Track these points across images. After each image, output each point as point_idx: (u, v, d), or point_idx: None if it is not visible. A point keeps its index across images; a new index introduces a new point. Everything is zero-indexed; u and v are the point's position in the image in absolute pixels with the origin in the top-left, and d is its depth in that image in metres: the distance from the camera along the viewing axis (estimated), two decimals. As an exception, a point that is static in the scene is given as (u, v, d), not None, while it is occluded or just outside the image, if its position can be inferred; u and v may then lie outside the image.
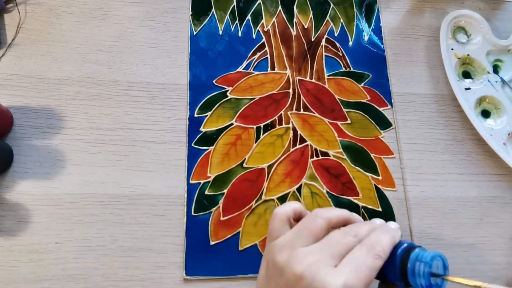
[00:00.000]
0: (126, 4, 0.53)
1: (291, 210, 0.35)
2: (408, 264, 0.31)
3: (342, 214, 0.35)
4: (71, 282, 0.42)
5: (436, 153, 0.52)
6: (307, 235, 0.33)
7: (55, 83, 0.49)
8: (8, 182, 0.45)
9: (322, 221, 0.33)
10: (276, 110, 0.51)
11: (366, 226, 0.34)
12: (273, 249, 0.33)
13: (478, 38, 0.57)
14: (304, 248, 0.32)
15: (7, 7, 0.51)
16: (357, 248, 0.32)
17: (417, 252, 0.32)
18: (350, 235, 0.32)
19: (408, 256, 0.32)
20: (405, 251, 0.32)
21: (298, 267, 0.30)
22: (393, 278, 0.33)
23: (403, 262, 0.32)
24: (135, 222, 0.45)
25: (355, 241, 0.32)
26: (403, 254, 0.32)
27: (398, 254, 0.32)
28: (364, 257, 0.31)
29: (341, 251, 0.31)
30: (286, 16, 0.56)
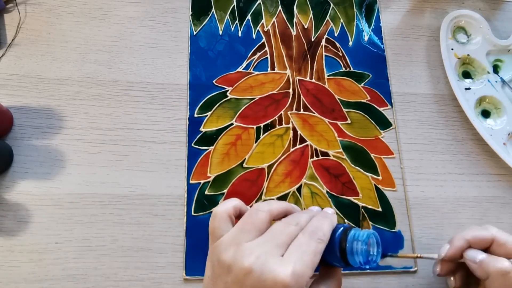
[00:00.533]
0: (126, 4, 0.53)
1: (231, 207, 0.36)
2: (347, 244, 0.34)
3: (282, 205, 0.37)
4: (71, 282, 0.42)
5: (436, 153, 0.52)
6: (251, 230, 0.33)
7: (55, 83, 0.49)
8: (8, 182, 0.45)
9: (264, 214, 0.34)
10: (276, 110, 0.51)
11: (305, 214, 0.36)
12: (218, 249, 0.34)
13: (478, 38, 0.57)
14: (249, 242, 0.32)
15: (7, 7, 0.51)
16: (300, 235, 0.33)
17: (353, 233, 0.34)
18: (292, 224, 0.34)
19: (346, 237, 0.34)
20: (343, 232, 0.35)
21: (245, 261, 0.31)
22: (333, 259, 0.35)
23: (341, 243, 0.34)
24: (135, 222, 0.45)
25: (297, 229, 0.34)
26: (341, 236, 0.35)
27: (336, 237, 0.35)
28: (308, 242, 0.32)
29: (285, 241, 0.32)
30: (286, 16, 0.56)
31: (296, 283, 0.30)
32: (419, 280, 0.46)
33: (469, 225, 0.49)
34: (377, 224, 0.47)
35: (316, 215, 0.36)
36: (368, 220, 0.48)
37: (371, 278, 0.46)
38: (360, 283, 0.46)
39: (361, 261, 0.34)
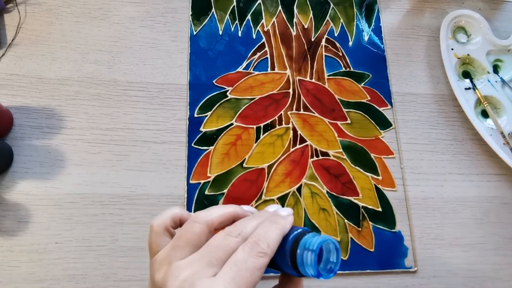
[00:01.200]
0: (126, 4, 0.53)
1: (168, 218, 0.32)
2: (298, 252, 0.29)
3: (225, 212, 0.32)
4: (71, 282, 0.42)
5: (436, 153, 0.52)
6: (184, 246, 0.30)
7: (55, 83, 0.49)
8: (8, 182, 0.45)
9: (200, 227, 0.30)
10: (276, 110, 0.51)
11: (252, 221, 0.31)
12: (152, 267, 0.31)
13: (478, 38, 0.57)
14: (181, 261, 0.29)
15: (7, 7, 0.51)
16: (240, 249, 0.29)
17: (305, 240, 0.29)
18: (232, 235, 0.30)
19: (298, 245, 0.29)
20: (294, 240, 0.30)
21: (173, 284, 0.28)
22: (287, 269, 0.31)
23: (292, 251, 0.30)
24: (135, 222, 0.45)
25: (239, 241, 0.29)
26: (293, 244, 0.30)
27: (287, 247, 0.30)
28: (246, 258, 0.28)
29: (220, 257, 0.28)
30: (286, 16, 0.56)
31: None
32: (419, 280, 0.46)
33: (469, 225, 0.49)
34: (377, 224, 0.47)
35: (265, 221, 0.31)
36: (368, 220, 0.48)
37: (371, 278, 0.46)
38: (360, 283, 0.46)
39: (312, 274, 0.29)
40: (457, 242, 0.48)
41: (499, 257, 0.48)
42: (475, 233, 0.49)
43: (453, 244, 0.48)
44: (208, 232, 0.30)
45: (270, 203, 0.47)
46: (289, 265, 0.30)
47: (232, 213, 0.33)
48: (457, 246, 0.48)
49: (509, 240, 0.49)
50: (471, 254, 0.48)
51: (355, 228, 0.47)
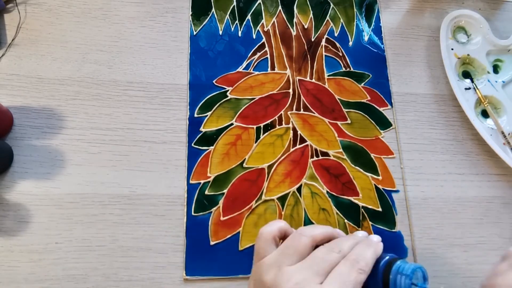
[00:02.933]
0: (126, 4, 0.53)
1: (277, 229, 0.36)
2: (390, 277, 0.32)
3: (326, 231, 0.36)
4: (71, 282, 0.42)
5: (436, 153, 0.52)
6: (293, 254, 0.33)
7: (55, 83, 0.49)
8: (8, 182, 0.45)
9: (307, 239, 0.34)
10: (276, 110, 0.51)
11: (349, 241, 0.35)
12: (260, 269, 0.34)
13: (478, 38, 0.57)
14: (290, 267, 0.32)
15: (7, 7, 0.51)
16: (341, 263, 0.32)
17: (398, 265, 0.33)
18: (334, 251, 0.33)
19: (390, 268, 0.33)
20: (387, 264, 0.33)
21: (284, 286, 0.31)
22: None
23: (385, 274, 0.33)
24: (135, 222, 0.45)
25: (339, 256, 0.33)
26: (385, 267, 0.33)
27: (380, 267, 0.33)
28: (348, 272, 0.31)
29: (326, 268, 0.32)
30: (286, 16, 0.56)
31: None
32: (419, 280, 0.46)
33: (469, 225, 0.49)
34: (377, 224, 0.48)
35: (360, 243, 0.35)
36: (368, 220, 0.48)
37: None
38: None
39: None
40: (457, 242, 0.48)
41: (499, 257, 0.48)
42: (475, 233, 0.49)
43: (453, 244, 0.48)
44: (311, 246, 0.34)
45: (270, 203, 0.47)
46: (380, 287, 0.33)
47: (331, 233, 0.36)
48: (457, 246, 0.48)
49: (509, 240, 0.49)
50: (471, 254, 0.48)
51: (355, 228, 0.47)
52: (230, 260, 0.44)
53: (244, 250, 0.45)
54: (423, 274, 0.33)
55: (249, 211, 0.46)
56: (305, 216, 0.47)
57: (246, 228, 0.46)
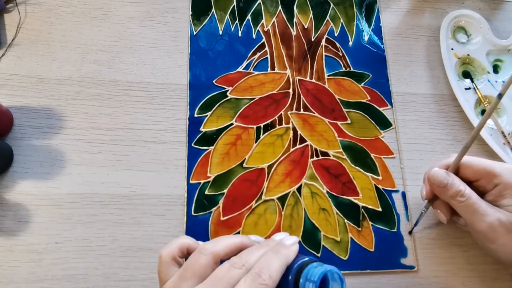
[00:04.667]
0: (126, 4, 0.53)
1: (176, 248, 0.34)
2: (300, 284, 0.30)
3: (231, 243, 0.33)
4: (71, 282, 0.42)
5: (436, 153, 0.52)
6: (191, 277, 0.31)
7: (55, 83, 0.49)
8: (8, 182, 0.45)
9: (206, 258, 0.31)
10: (276, 110, 0.51)
11: (256, 251, 0.32)
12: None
13: (478, 38, 0.57)
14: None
15: (7, 7, 0.51)
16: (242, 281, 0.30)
17: (307, 270, 0.30)
18: (237, 267, 0.31)
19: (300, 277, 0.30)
20: (297, 270, 0.31)
21: None
22: None
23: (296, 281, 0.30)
24: (135, 222, 0.45)
25: (242, 272, 0.30)
26: (296, 274, 0.31)
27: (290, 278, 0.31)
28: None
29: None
30: (286, 16, 0.56)
31: None
32: (419, 280, 0.46)
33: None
34: (377, 224, 0.48)
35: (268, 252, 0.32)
36: (368, 220, 0.48)
37: (371, 278, 0.46)
38: (360, 283, 0.46)
39: None
40: (457, 242, 0.48)
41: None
42: (475, 233, 0.49)
43: (453, 244, 0.48)
44: (213, 263, 0.31)
45: (270, 203, 0.47)
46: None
47: (238, 244, 0.33)
48: (457, 246, 0.48)
49: (509, 240, 0.49)
50: (471, 254, 0.48)
51: (355, 228, 0.47)
52: (230, 260, 0.44)
53: (244, 250, 0.45)
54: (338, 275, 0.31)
55: (249, 211, 0.46)
56: (305, 216, 0.47)
57: (246, 228, 0.46)
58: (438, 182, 0.42)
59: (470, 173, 0.43)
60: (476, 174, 0.42)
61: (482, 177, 0.42)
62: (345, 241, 0.46)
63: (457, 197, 0.41)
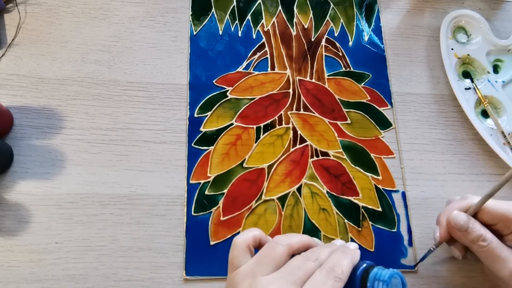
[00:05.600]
0: (126, 4, 0.53)
1: (251, 238, 0.35)
2: (368, 284, 0.32)
3: (303, 239, 0.35)
4: (71, 282, 0.42)
5: (436, 153, 0.52)
6: (268, 263, 0.32)
7: (55, 83, 0.49)
8: (8, 182, 0.45)
9: (283, 248, 0.33)
10: (276, 110, 0.51)
11: (326, 249, 0.34)
12: (234, 279, 0.33)
13: (478, 38, 0.57)
14: (265, 277, 0.32)
15: (7, 7, 0.51)
16: (317, 272, 0.32)
17: (375, 271, 0.32)
18: (311, 260, 0.33)
19: (368, 276, 0.32)
20: (364, 271, 0.33)
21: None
22: None
23: (362, 282, 0.32)
24: (135, 222, 0.45)
25: (316, 265, 0.32)
26: (362, 274, 0.33)
27: (358, 275, 0.33)
28: (324, 280, 0.31)
29: (301, 277, 0.31)
30: (286, 16, 0.56)
31: None
32: (419, 280, 0.46)
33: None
34: (377, 224, 0.48)
35: (337, 251, 0.34)
36: (368, 220, 0.48)
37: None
38: None
39: None
40: (457, 242, 0.48)
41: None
42: (475, 233, 0.49)
43: (453, 244, 0.48)
44: (287, 255, 0.33)
45: (270, 203, 0.47)
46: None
47: (308, 242, 0.36)
48: (457, 246, 0.48)
49: (509, 240, 0.49)
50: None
51: (355, 228, 0.47)
52: (230, 260, 0.44)
53: (244, 250, 0.45)
54: (401, 280, 0.33)
55: (249, 211, 0.46)
56: (305, 216, 0.47)
57: (246, 228, 0.46)
58: (459, 226, 0.40)
59: (487, 217, 0.41)
60: (493, 219, 0.41)
61: (500, 222, 0.41)
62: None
63: (479, 241, 0.39)
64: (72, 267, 0.43)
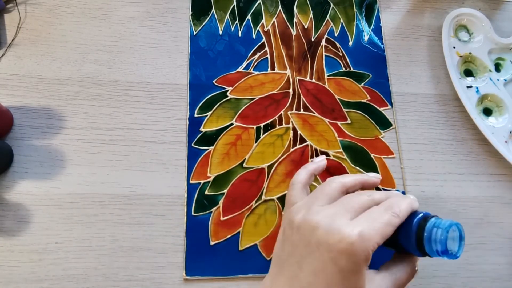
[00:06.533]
0: (126, 4, 0.53)
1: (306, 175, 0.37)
2: (425, 232, 0.32)
3: (356, 178, 0.37)
4: (71, 282, 0.42)
5: (436, 153, 0.52)
6: (322, 197, 0.33)
7: (55, 83, 0.49)
8: (8, 182, 0.45)
9: (336, 184, 0.34)
10: (276, 110, 0.51)
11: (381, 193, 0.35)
12: (290, 213, 0.34)
13: (480, 37, 0.57)
14: (319, 206, 0.32)
15: (7, 7, 0.51)
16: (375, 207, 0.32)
17: (433, 220, 0.32)
18: (365, 194, 0.33)
19: (425, 224, 0.32)
20: (422, 219, 0.33)
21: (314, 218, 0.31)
22: (408, 246, 0.33)
23: (419, 229, 0.32)
24: (135, 222, 0.45)
25: (370, 200, 0.33)
26: (420, 222, 0.32)
27: (414, 222, 0.32)
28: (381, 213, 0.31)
29: (356, 208, 0.32)
30: (286, 16, 0.55)
31: (361, 244, 0.30)
32: (419, 280, 0.46)
33: (469, 225, 0.49)
34: (377, 224, 0.47)
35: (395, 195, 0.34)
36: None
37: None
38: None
39: (438, 250, 0.31)
40: (457, 242, 0.48)
41: (499, 257, 0.48)
42: (475, 233, 0.49)
43: (453, 244, 0.48)
44: (341, 191, 0.35)
45: (270, 203, 0.47)
46: (414, 242, 0.32)
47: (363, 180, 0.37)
48: (457, 246, 0.48)
49: (509, 240, 0.49)
50: (471, 254, 0.48)
51: (355, 228, 0.47)
52: (230, 260, 0.44)
53: (244, 250, 0.45)
54: (459, 232, 0.32)
55: (249, 211, 0.46)
56: (305, 216, 0.47)
57: (246, 228, 0.46)
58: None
59: None
60: None
61: None
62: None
63: None
64: (72, 267, 0.43)
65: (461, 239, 0.32)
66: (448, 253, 0.32)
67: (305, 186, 0.37)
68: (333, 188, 0.34)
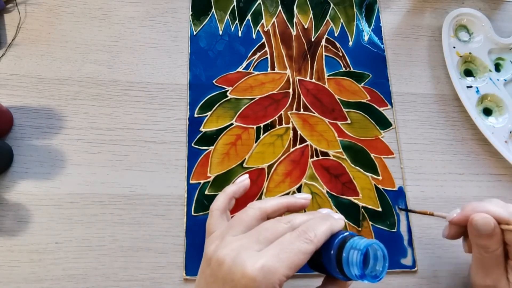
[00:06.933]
0: (126, 4, 0.53)
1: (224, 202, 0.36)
2: (343, 253, 0.30)
3: (278, 202, 0.35)
4: (71, 282, 0.42)
5: (436, 153, 0.52)
6: (237, 225, 0.32)
7: (55, 83, 0.49)
8: (8, 182, 0.45)
9: (254, 211, 0.33)
10: (276, 110, 0.51)
11: (303, 216, 0.33)
12: (206, 244, 0.33)
13: (480, 37, 0.57)
14: (232, 236, 0.31)
15: (7, 7, 0.51)
16: (288, 234, 0.31)
17: (352, 241, 0.30)
18: (282, 222, 0.32)
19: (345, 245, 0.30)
20: (342, 240, 0.30)
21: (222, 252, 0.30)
22: (331, 270, 0.31)
23: (339, 251, 0.30)
24: (135, 222, 0.45)
25: (287, 227, 0.31)
26: (340, 243, 0.30)
27: (335, 244, 0.31)
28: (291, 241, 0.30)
29: (268, 237, 0.30)
30: (286, 16, 0.55)
31: (264, 278, 0.28)
32: (419, 280, 0.46)
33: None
34: (377, 224, 0.47)
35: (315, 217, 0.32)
36: (368, 220, 0.48)
37: (371, 278, 0.46)
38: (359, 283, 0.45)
39: (356, 274, 0.29)
40: (457, 242, 0.48)
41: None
42: (475, 233, 0.49)
43: (453, 244, 0.48)
44: (260, 218, 0.33)
45: (270, 203, 0.47)
46: (335, 265, 0.30)
47: (285, 204, 0.35)
48: (457, 246, 0.48)
49: (509, 240, 0.49)
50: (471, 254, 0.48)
51: (355, 228, 0.47)
52: (230, 260, 0.44)
53: (244, 250, 0.45)
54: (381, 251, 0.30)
55: (249, 211, 0.46)
56: (305, 216, 0.47)
57: (246, 228, 0.46)
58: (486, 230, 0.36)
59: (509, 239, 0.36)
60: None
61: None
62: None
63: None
64: (72, 267, 0.43)
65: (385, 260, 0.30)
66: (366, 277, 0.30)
67: (224, 212, 0.35)
68: (250, 216, 0.33)
